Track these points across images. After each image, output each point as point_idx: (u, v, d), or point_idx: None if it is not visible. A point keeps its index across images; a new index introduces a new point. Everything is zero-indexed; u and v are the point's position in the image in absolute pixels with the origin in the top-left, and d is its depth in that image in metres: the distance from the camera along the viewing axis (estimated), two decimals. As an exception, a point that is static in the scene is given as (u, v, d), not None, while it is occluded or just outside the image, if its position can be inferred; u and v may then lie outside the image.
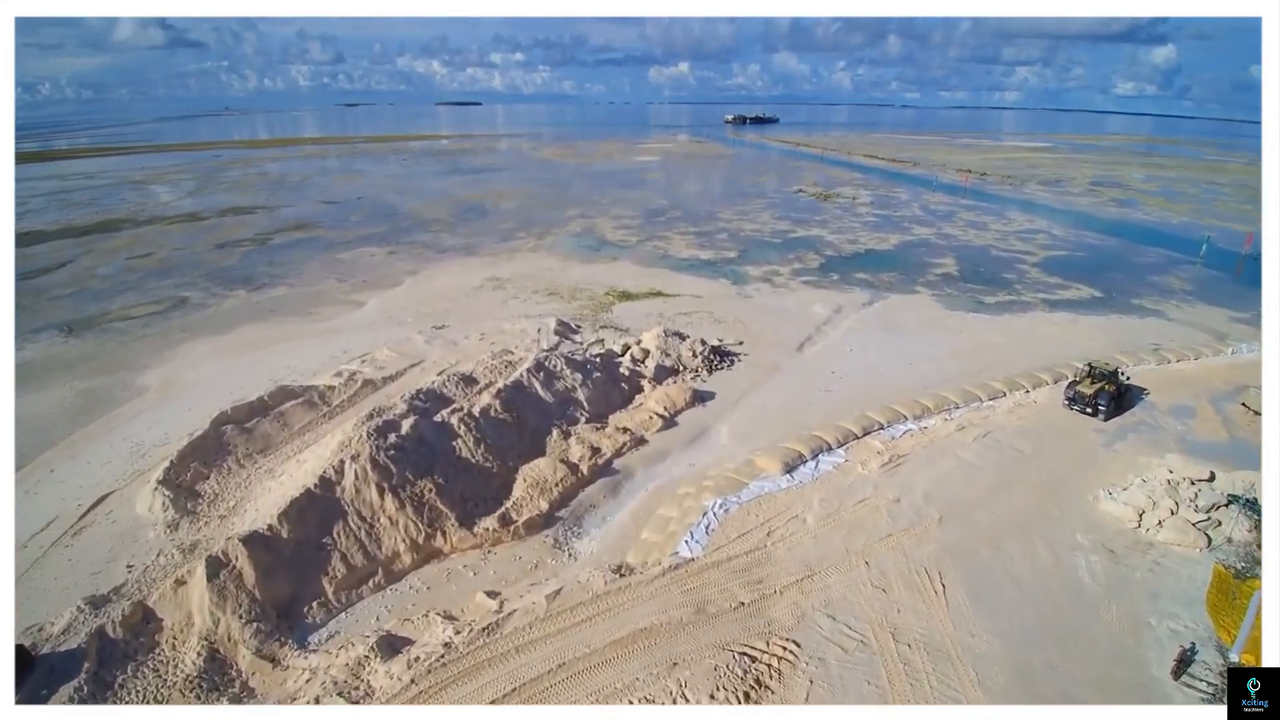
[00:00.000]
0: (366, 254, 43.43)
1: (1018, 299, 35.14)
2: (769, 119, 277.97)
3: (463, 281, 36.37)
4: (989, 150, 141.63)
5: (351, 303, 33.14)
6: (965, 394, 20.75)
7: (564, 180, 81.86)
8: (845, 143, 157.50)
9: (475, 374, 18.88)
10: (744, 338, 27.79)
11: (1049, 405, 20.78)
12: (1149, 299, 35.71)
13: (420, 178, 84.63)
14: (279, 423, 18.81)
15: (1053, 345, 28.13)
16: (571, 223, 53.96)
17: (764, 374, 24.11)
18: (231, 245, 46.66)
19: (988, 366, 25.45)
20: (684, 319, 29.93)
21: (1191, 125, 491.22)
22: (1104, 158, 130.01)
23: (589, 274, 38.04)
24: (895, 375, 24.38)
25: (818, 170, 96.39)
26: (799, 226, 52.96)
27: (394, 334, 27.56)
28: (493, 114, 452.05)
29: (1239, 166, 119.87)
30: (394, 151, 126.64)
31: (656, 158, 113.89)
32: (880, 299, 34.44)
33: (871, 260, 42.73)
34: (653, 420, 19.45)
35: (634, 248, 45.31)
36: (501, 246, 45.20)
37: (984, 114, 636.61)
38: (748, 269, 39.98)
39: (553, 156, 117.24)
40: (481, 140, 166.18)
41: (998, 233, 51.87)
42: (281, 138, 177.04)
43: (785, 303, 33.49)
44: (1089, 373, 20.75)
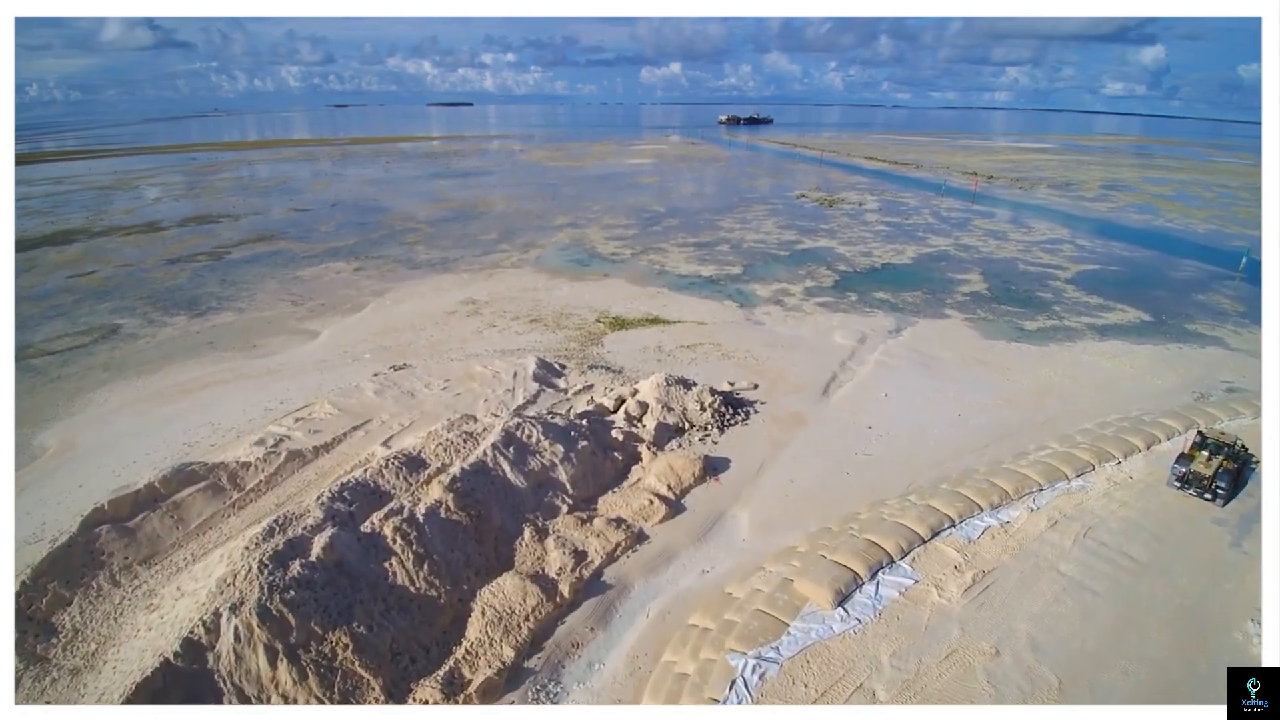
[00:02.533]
0: (331, 271, 39.04)
1: (1060, 324, 31.16)
2: (763, 119, 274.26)
3: (434, 305, 32.06)
4: (991, 152, 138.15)
5: (303, 333, 28.79)
6: (1047, 470, 16.61)
7: (553, 185, 77.55)
8: (842, 144, 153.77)
9: (424, 453, 14.61)
10: (758, 378, 23.64)
11: (1149, 482, 16.71)
12: (1202, 323, 31.84)
13: (401, 182, 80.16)
14: (172, 518, 14.52)
15: (1118, 386, 24.15)
16: (559, 233, 49.68)
17: (787, 430, 19.95)
18: (185, 260, 42.21)
19: (1052, 418, 21.43)
20: (686, 353, 25.75)
21: (1181, 125, 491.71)
22: (1107, 159, 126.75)
23: (577, 295, 33.80)
24: (945, 431, 20.28)
25: (818, 173, 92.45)
26: (806, 237, 48.87)
27: (344, 376, 23.27)
28: (484, 115, 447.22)
29: (1246, 169, 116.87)
30: (379, 154, 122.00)
31: (650, 160, 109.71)
32: (908, 325, 30.37)
33: (890, 276, 38.68)
34: (654, 506, 15.26)
35: (627, 262, 41.12)
36: (481, 261, 40.88)
37: (975, 114, 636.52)
38: (755, 288, 35.85)
39: (542, 159, 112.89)
40: (470, 142, 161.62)
41: (1020, 243, 47.96)
42: (264, 140, 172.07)
43: (801, 330, 29.36)
44: (1201, 444, 16.64)
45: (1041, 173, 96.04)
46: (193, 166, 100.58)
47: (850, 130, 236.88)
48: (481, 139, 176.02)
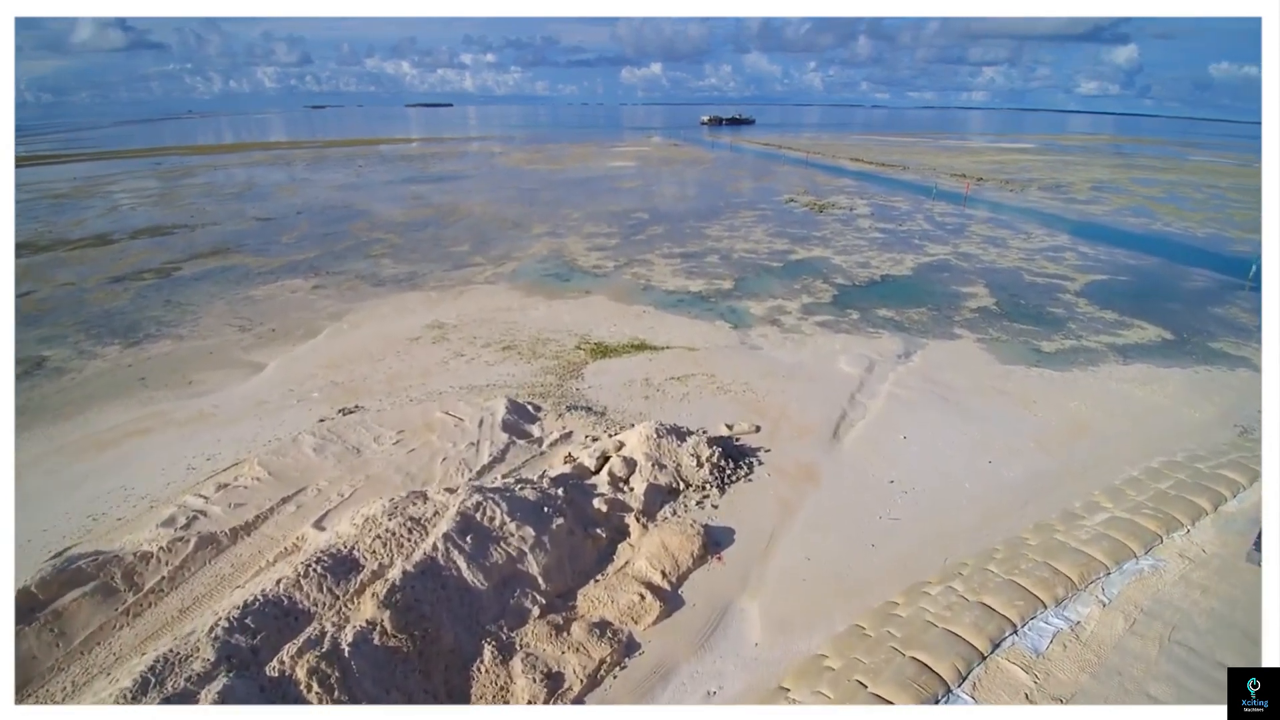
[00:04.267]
0: (287, 289, 35.77)
1: (1079, 344, 28.83)
2: (745, 120, 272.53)
3: (397, 329, 28.97)
4: (974, 152, 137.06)
5: (247, 365, 25.62)
6: (1112, 547, 14.00)
7: (532, 190, 74.42)
8: (826, 145, 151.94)
9: (357, 550, 11.67)
10: (759, 417, 20.92)
11: (1225, 556, 14.19)
12: (1226, 340, 29.69)
13: (373, 187, 76.62)
14: (52, 632, 11.45)
15: (1154, 421, 21.75)
16: (537, 243, 46.69)
17: (797, 487, 17.24)
18: (130, 279, 38.69)
19: (1091, 464, 18.93)
20: (676, 387, 22.97)
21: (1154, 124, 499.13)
22: (1091, 159, 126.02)
23: (555, 316, 30.88)
24: (976, 484, 17.70)
25: (804, 176, 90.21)
26: (798, 245, 46.33)
27: (285, 423, 20.19)
28: (463, 116, 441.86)
29: (1230, 169, 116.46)
30: (353, 157, 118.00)
31: (632, 163, 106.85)
32: (917, 348, 27.85)
33: (891, 290, 36.22)
34: (645, 602, 12.46)
35: (610, 276, 38.28)
36: (452, 276, 37.80)
37: (953, 114, 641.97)
38: (748, 305, 33.17)
39: (521, 162, 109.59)
40: (448, 144, 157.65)
41: (1021, 251, 45.81)
42: (236, 143, 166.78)
43: (801, 356, 26.71)
44: None
45: (1029, 174, 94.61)
46: (158, 172, 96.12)
47: (831, 130, 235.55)
48: (460, 141, 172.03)
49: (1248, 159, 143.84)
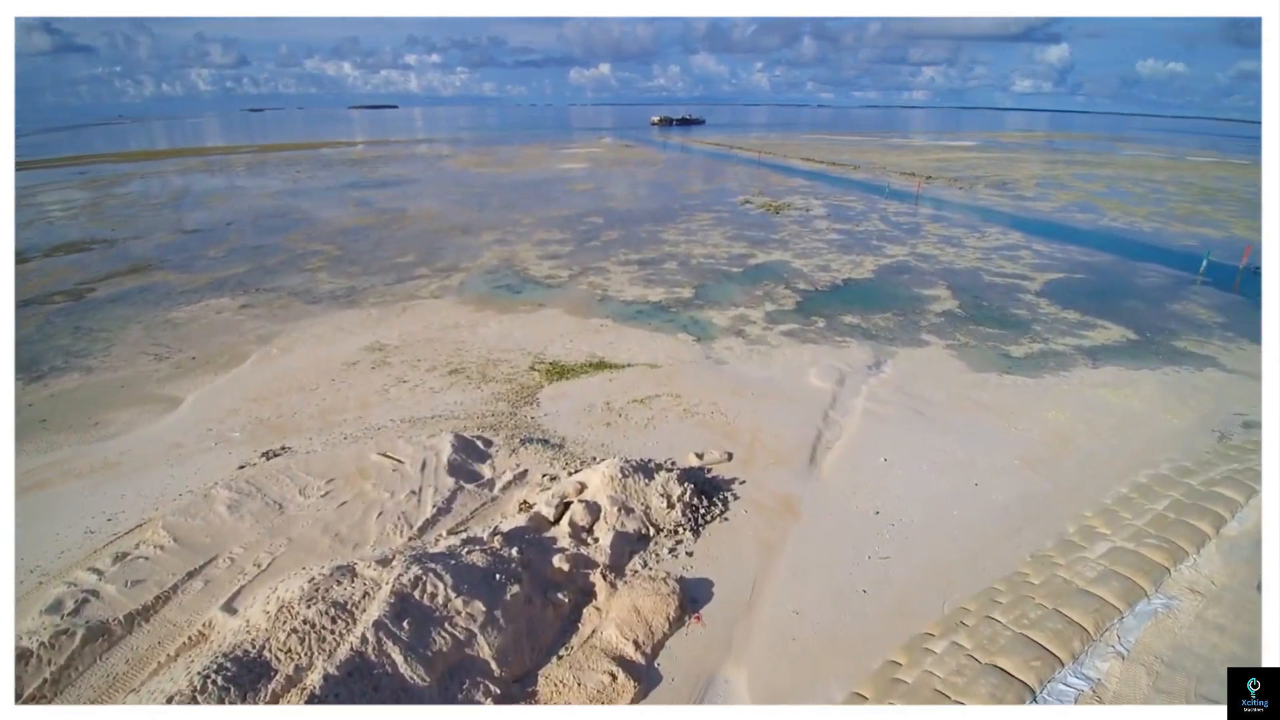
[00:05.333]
0: (211, 310, 32.79)
1: (1047, 347, 28.24)
2: (695, 120, 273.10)
3: (332, 353, 26.53)
4: (920, 151, 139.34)
5: (162, 401, 22.92)
6: (1122, 588, 12.86)
7: (480, 194, 71.76)
8: (776, 144, 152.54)
9: (268, 650, 9.63)
10: (731, 443, 19.41)
11: (1234, 587, 13.22)
12: (1189, 339, 29.56)
13: (311, 194, 72.80)
14: None
15: (1134, 430, 21.04)
16: (486, 251, 44.41)
17: (777, 524, 15.74)
18: (38, 303, 34.98)
19: (1079, 482, 17.98)
20: (640, 412, 21.28)
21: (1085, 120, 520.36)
22: (1032, 156, 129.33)
23: (507, 332, 28.84)
24: (965, 511, 16.50)
25: (757, 176, 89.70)
26: (757, 249, 45.19)
27: (201, 470, 17.77)
28: (409, 117, 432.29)
29: (1163, 162, 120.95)
30: (291, 162, 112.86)
31: (584, 165, 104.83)
32: (887, 357, 26.79)
33: (854, 295, 35.27)
34: (618, 683, 10.74)
35: (565, 287, 36.37)
36: (394, 291, 35.32)
37: (896, 113, 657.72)
38: (711, 315, 31.71)
39: (469, 165, 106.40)
40: (393, 146, 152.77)
41: (977, 250, 45.63)
42: (168, 148, 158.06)
43: (770, 370, 25.34)
44: None
45: (975, 171, 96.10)
46: (81, 182, 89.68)
47: (780, 130, 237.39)
48: (406, 143, 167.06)
49: (1179, 152, 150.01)
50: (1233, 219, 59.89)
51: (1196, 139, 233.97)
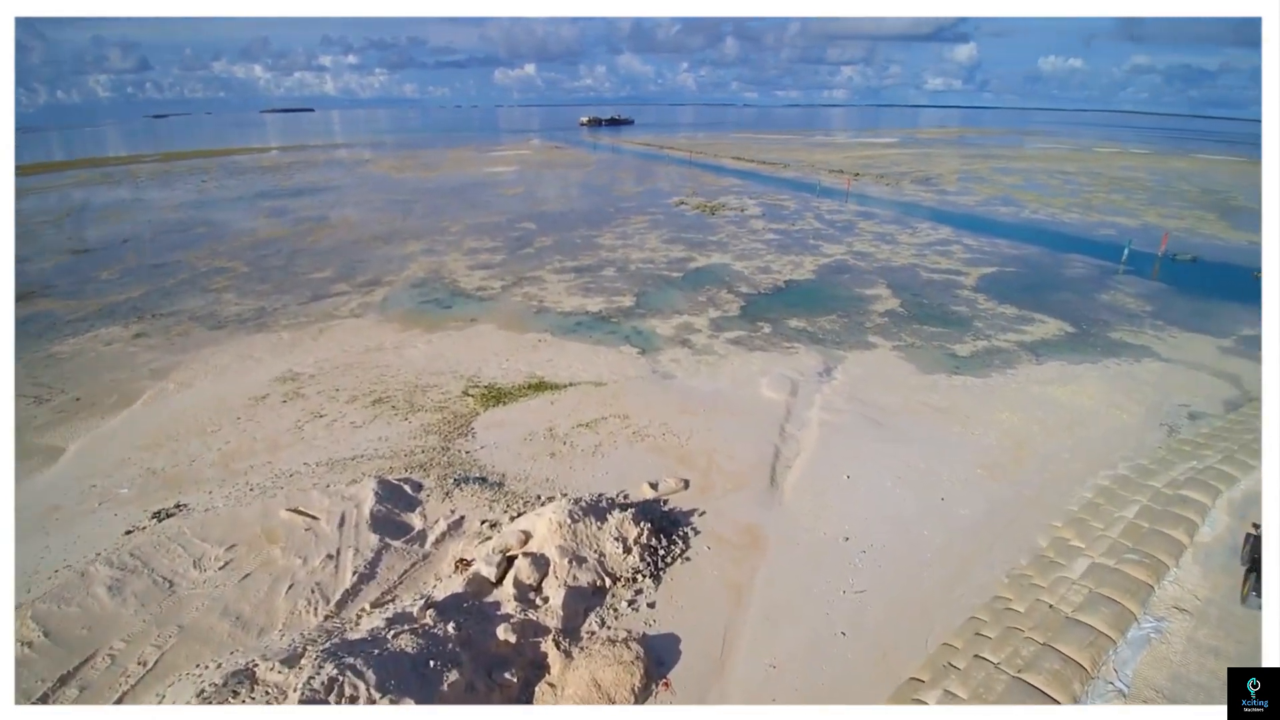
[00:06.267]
0: (100, 341, 29.22)
1: (990, 344, 28.15)
2: (624, 120, 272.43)
3: (237, 387, 23.79)
4: (844, 148, 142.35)
5: (39, 453, 19.78)
6: (1113, 614, 12.07)
7: (404, 201, 68.34)
8: (706, 144, 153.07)
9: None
10: (686, 468, 18.05)
11: (1220, 602, 12.68)
12: (1124, 330, 30.10)
13: (218, 205, 67.75)
14: None
15: (1086, 428, 20.81)
16: (412, 263, 41.76)
17: (743, 561, 14.44)
18: (-114, 336, 30.49)
19: (1043, 487, 17.45)
20: (586, 438, 19.66)
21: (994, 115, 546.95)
22: (949, 151, 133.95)
23: (437, 353, 26.67)
24: (935, 530, 15.63)
25: (690, 176, 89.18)
26: (696, 252, 44.17)
27: (82, 538, 15.11)
28: (326, 121, 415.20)
29: (1070, 154, 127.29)
30: (198, 170, 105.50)
31: (513, 167, 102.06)
32: (836, 362, 26.05)
33: (797, 298, 34.59)
34: (580, 782, 9.15)
35: (498, 299, 34.31)
36: (310, 311, 32.46)
37: (817, 112, 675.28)
38: (654, 324, 30.34)
39: (392, 170, 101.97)
40: (311, 151, 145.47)
41: (911, 246, 45.96)
42: (63, 160, 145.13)
43: (719, 382, 24.15)
44: None
45: (899, 168, 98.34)
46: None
47: (708, 130, 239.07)
48: (324, 147, 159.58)
49: (1084, 144, 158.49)
50: (1143, 207, 62.82)
51: (1097, 130, 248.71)
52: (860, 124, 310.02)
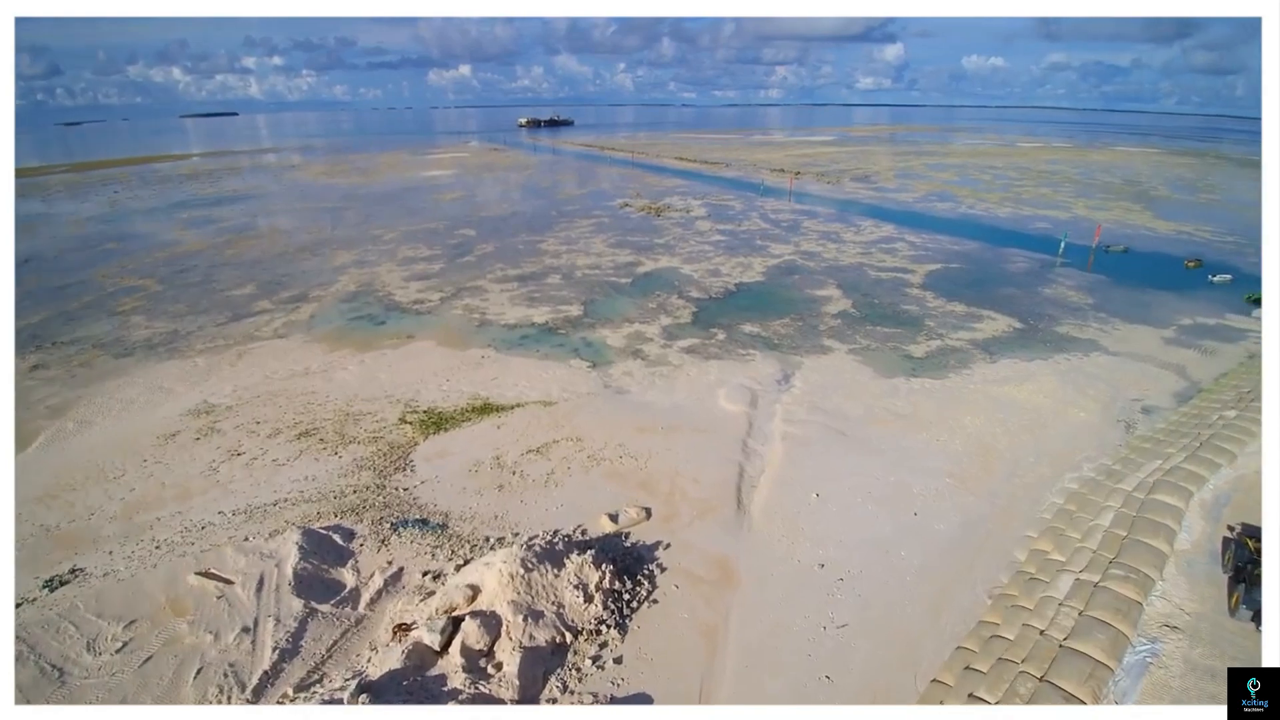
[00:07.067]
0: (-17, 374, 26.09)
1: (944, 344, 27.91)
2: (564, 121, 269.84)
3: (145, 423, 21.34)
4: (784, 147, 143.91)
5: (-106, 511, 17.15)
6: (1108, 639, 11.43)
7: (335, 209, 64.95)
8: (647, 144, 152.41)
9: None
10: (647, 494, 16.82)
11: (1210, 615, 12.20)
12: (1069, 324, 30.38)
13: (131, 218, 62.93)
14: None
15: (1046, 429, 20.53)
16: (342, 275, 39.26)
17: (715, 599, 13.29)
18: None
19: (1014, 496, 16.94)
20: (537, 465, 18.21)
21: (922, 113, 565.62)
22: (884, 149, 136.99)
23: (370, 375, 24.69)
24: (913, 550, 14.83)
25: (633, 177, 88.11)
26: (644, 256, 43.03)
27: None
28: (251, 125, 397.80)
29: (1000, 149, 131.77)
30: (111, 180, 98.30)
31: (450, 171, 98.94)
32: (794, 369, 25.27)
33: (749, 300, 33.84)
34: None
35: (437, 312, 32.36)
36: (229, 332, 29.84)
37: (754, 111, 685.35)
38: (604, 334, 29.01)
39: (321, 175, 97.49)
40: (235, 158, 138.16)
41: (857, 245, 45.94)
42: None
43: (676, 396, 23.02)
44: (1250, 557, 12.48)
45: (838, 166, 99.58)
46: None
47: (648, 130, 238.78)
48: (249, 153, 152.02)
49: (1008, 140, 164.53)
50: (1071, 199, 64.91)
51: (1019, 126, 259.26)
52: (797, 122, 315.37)
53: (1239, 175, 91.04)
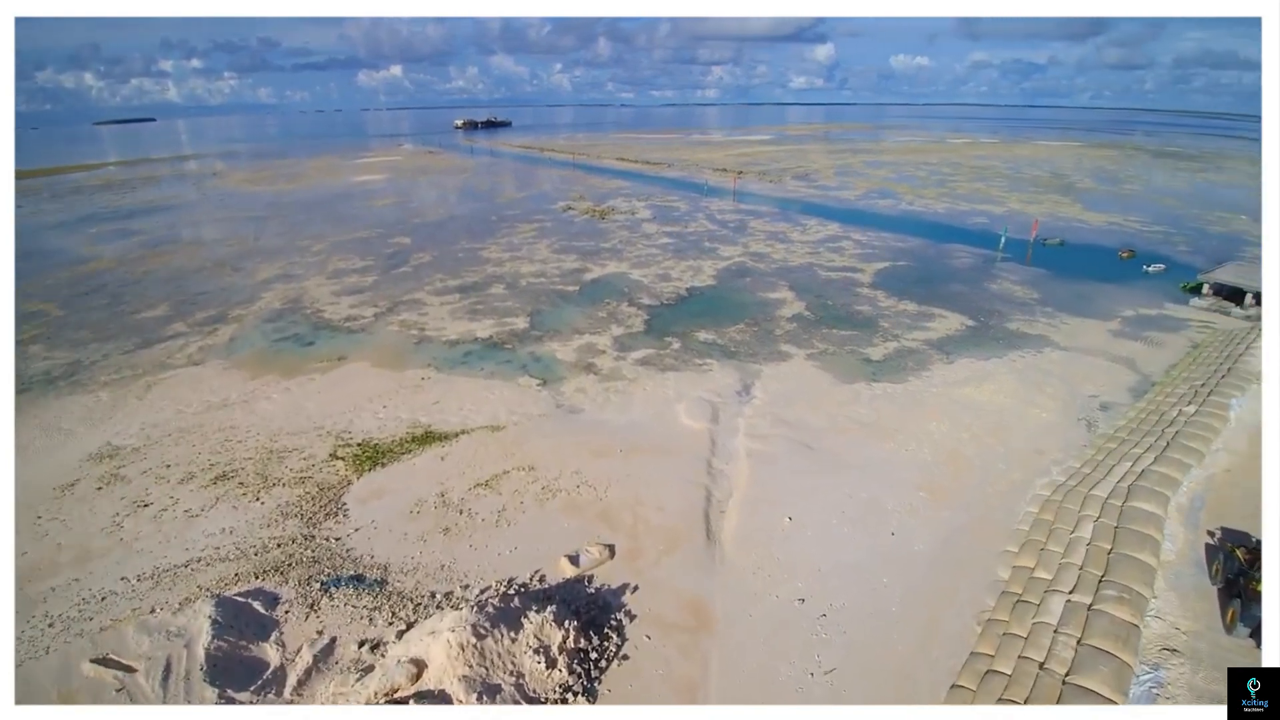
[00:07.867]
0: None
1: (900, 345, 27.53)
2: (501, 123, 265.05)
3: (39, 472, 18.75)
4: (723, 146, 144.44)
5: None
6: (1112, 671, 10.76)
7: (258, 219, 61.07)
8: (587, 145, 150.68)
9: None
10: (608, 527, 15.49)
11: (1205, 634, 11.69)
12: (1018, 320, 30.52)
13: (34, 235, 57.49)
14: None
15: (1010, 432, 20.18)
16: (266, 292, 36.48)
17: (690, 648, 12.08)
18: None
19: (988, 507, 16.36)
20: (487, 501, 16.65)
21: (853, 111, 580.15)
22: (821, 147, 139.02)
23: (297, 406, 22.52)
24: (893, 573, 13.97)
25: (575, 179, 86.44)
26: (590, 261, 41.61)
27: None
28: (170, 131, 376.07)
29: (931, 146, 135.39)
30: (16, 194, 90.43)
31: (383, 175, 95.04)
32: (753, 378, 24.35)
33: (702, 306, 32.86)
34: None
35: (371, 330, 30.20)
36: (137, 360, 27.01)
37: (692, 111, 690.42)
38: (553, 348, 27.50)
39: (244, 183, 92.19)
40: (150, 166, 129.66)
41: (805, 245, 45.65)
42: None
43: (633, 413, 21.76)
44: (1240, 569, 12.07)
45: (778, 164, 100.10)
46: None
47: (587, 130, 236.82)
48: (168, 160, 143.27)
49: (938, 136, 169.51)
50: (1004, 194, 66.58)
51: (946, 123, 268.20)
52: (734, 122, 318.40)
53: (1156, 166, 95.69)
